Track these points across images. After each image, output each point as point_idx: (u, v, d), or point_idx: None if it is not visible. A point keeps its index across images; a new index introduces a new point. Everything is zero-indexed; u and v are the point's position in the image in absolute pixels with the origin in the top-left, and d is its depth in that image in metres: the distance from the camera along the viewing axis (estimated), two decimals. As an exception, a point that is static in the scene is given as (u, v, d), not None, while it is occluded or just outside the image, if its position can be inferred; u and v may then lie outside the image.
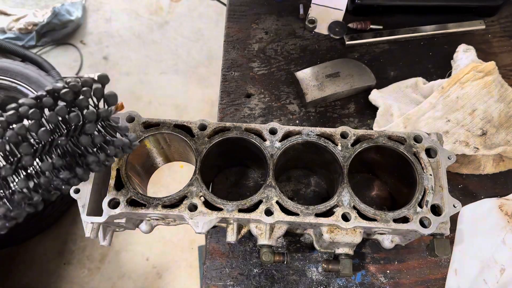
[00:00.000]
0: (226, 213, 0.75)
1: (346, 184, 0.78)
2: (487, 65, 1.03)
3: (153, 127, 0.82)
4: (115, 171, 0.77)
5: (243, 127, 0.83)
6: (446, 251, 0.76)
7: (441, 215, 0.75)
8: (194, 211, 0.75)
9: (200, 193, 0.76)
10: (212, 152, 0.82)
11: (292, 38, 1.26)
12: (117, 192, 0.75)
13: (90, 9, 3.08)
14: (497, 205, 0.93)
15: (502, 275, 0.82)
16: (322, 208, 0.76)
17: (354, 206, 0.76)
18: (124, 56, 2.90)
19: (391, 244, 0.86)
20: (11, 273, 2.13)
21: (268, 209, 0.75)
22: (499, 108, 1.02)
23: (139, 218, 0.83)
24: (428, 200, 0.76)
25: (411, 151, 0.80)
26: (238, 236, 0.81)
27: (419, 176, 0.78)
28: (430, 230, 0.73)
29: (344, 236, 0.77)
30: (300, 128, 0.83)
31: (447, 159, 0.79)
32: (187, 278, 2.18)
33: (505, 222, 0.89)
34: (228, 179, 1.02)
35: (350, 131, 0.82)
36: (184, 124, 0.83)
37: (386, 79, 1.18)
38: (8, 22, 2.74)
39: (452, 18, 1.25)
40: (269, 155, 0.80)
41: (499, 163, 1.03)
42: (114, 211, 0.73)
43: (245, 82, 1.18)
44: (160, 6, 3.12)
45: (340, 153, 0.81)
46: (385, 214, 0.75)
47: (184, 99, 2.70)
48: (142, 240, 2.25)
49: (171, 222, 0.85)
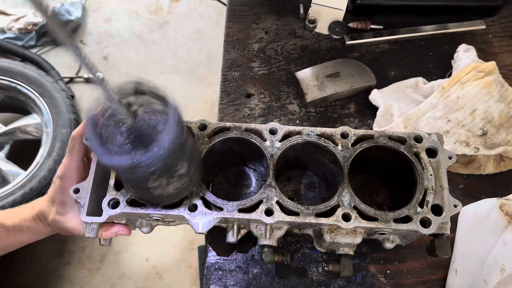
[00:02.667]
0: (226, 213, 0.75)
1: (346, 184, 0.78)
2: (488, 65, 1.03)
3: None
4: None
5: (243, 127, 0.82)
6: (446, 251, 0.76)
7: (442, 215, 0.74)
8: (194, 211, 0.75)
9: (200, 193, 0.76)
10: (212, 152, 0.82)
11: (292, 38, 1.26)
12: (116, 192, 0.75)
13: (90, 9, 3.07)
14: (498, 205, 0.93)
15: (502, 275, 0.82)
16: (323, 208, 0.76)
17: (354, 206, 0.76)
18: (124, 56, 2.90)
19: (391, 244, 0.86)
20: (11, 273, 2.13)
21: (268, 209, 0.75)
22: (500, 108, 1.02)
23: (139, 218, 0.83)
24: (428, 200, 0.76)
25: (411, 151, 0.80)
26: (238, 236, 0.81)
27: (420, 176, 0.78)
28: (431, 230, 0.73)
29: (344, 236, 0.77)
30: (301, 128, 0.83)
31: (448, 159, 0.79)
32: (187, 278, 2.18)
33: (506, 222, 0.89)
34: (228, 179, 1.02)
35: (351, 131, 0.82)
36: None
37: (386, 79, 1.18)
38: (8, 22, 2.74)
39: (452, 18, 1.25)
40: (269, 155, 0.80)
41: (500, 163, 1.03)
42: (114, 211, 0.73)
43: (245, 82, 1.18)
44: (160, 6, 3.12)
45: (341, 153, 0.80)
46: (385, 214, 0.75)
47: (184, 99, 2.70)
48: (142, 240, 2.24)
49: (171, 222, 0.85)
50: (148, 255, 2.23)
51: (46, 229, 0.80)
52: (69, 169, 0.76)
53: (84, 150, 0.78)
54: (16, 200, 1.85)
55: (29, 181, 1.91)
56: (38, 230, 0.81)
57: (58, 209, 0.76)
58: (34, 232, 0.82)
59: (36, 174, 1.93)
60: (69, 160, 0.76)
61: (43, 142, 2.05)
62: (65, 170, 0.76)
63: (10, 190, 1.88)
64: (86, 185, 0.76)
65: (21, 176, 1.95)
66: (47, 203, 0.78)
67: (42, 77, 2.14)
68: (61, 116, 2.05)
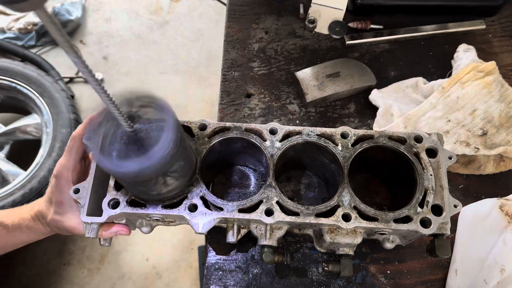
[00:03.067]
0: (226, 213, 0.75)
1: (346, 184, 0.77)
2: (488, 65, 1.03)
3: None
4: None
5: (243, 127, 0.82)
6: (446, 251, 0.76)
7: (442, 215, 0.74)
8: (194, 211, 0.75)
9: (200, 193, 0.76)
10: (212, 152, 0.82)
11: (292, 38, 1.26)
12: (116, 192, 0.75)
13: (90, 9, 3.07)
14: (498, 205, 0.93)
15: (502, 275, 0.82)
16: (323, 208, 0.76)
17: (354, 206, 0.76)
18: (124, 56, 2.90)
19: (391, 244, 0.86)
20: (10, 273, 2.13)
21: (268, 209, 0.75)
22: (500, 108, 1.02)
23: (139, 218, 0.83)
24: (428, 200, 0.76)
25: (411, 151, 0.80)
26: (238, 236, 0.81)
27: (420, 176, 0.78)
28: (431, 230, 0.73)
29: (344, 236, 0.77)
30: (301, 128, 0.83)
31: (448, 159, 0.79)
32: (187, 278, 2.18)
33: (506, 222, 0.89)
34: (228, 179, 1.02)
35: (351, 131, 0.82)
36: (184, 124, 0.82)
37: (386, 79, 1.18)
38: (8, 22, 2.74)
39: (452, 18, 1.25)
40: (269, 155, 0.80)
41: (500, 163, 1.03)
42: (114, 211, 0.73)
43: (245, 82, 1.18)
44: (160, 6, 3.12)
45: (341, 153, 0.80)
46: (385, 214, 0.75)
47: (184, 99, 2.70)
48: (142, 240, 2.24)
49: (171, 222, 0.85)
50: (148, 255, 2.23)
51: (45, 229, 0.80)
52: (65, 168, 0.76)
53: (83, 151, 0.78)
54: (16, 200, 1.85)
55: (29, 181, 1.91)
56: (37, 230, 0.81)
57: (56, 209, 0.76)
58: (33, 232, 0.82)
59: (36, 174, 1.93)
60: (66, 160, 0.76)
61: (43, 142, 2.05)
62: (61, 170, 0.76)
63: (10, 190, 1.88)
64: (86, 185, 0.76)
65: (21, 176, 1.95)
66: (45, 203, 0.78)
67: (42, 77, 2.14)
68: (61, 116, 2.05)
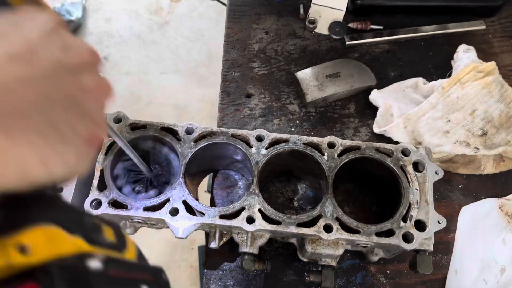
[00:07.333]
0: (207, 219, 0.74)
1: (330, 195, 0.76)
2: (488, 65, 1.03)
3: (140, 129, 0.82)
4: (99, 172, 0.77)
5: (230, 133, 0.82)
6: (428, 268, 0.74)
7: (425, 231, 0.73)
8: (176, 215, 0.74)
9: (183, 197, 0.76)
10: (197, 157, 0.82)
11: (292, 38, 1.26)
12: (99, 193, 0.75)
13: (90, 9, 3.07)
14: (498, 205, 0.93)
15: (502, 275, 0.82)
16: (305, 218, 0.75)
17: (337, 218, 0.75)
18: (124, 56, 2.90)
19: (375, 257, 0.85)
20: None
21: (249, 216, 0.74)
22: (500, 108, 1.02)
23: (122, 220, 0.83)
24: (412, 215, 0.74)
25: (398, 164, 0.79)
26: (220, 242, 0.80)
27: (405, 190, 0.76)
28: (413, 246, 0.72)
29: (326, 247, 0.76)
30: (288, 135, 0.82)
31: (435, 174, 0.78)
32: (187, 278, 2.18)
33: (506, 222, 0.89)
34: (213, 184, 1.01)
35: (338, 141, 0.81)
36: (171, 127, 0.82)
37: (386, 79, 1.18)
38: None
39: (452, 18, 1.25)
40: (254, 162, 0.79)
41: (500, 163, 1.03)
42: (96, 211, 0.73)
43: (245, 82, 1.18)
44: (160, 6, 3.12)
45: (326, 163, 0.79)
46: (367, 227, 0.74)
47: (184, 99, 2.70)
48: (142, 240, 2.24)
49: (153, 225, 0.85)
50: (148, 255, 2.22)
51: None
52: None
53: None
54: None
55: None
56: None
57: None
58: None
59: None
60: None
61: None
62: None
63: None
64: (70, 184, 0.76)
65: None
66: None
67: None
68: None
